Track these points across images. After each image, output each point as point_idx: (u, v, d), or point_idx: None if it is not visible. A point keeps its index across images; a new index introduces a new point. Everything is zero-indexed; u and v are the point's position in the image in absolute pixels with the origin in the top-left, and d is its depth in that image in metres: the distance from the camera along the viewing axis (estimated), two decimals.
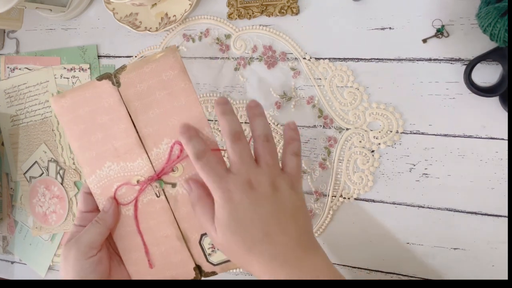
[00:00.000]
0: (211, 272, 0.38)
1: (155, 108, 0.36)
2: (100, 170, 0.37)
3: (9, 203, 0.69)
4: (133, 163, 0.37)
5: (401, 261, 0.48)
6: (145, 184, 0.37)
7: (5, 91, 0.67)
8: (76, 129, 0.37)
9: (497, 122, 0.44)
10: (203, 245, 0.37)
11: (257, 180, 0.33)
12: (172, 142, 0.36)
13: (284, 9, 0.50)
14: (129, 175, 0.37)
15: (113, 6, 0.57)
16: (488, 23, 0.38)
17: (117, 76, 0.36)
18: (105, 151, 0.37)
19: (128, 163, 0.37)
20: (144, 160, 0.37)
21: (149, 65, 0.36)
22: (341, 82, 0.49)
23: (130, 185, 0.37)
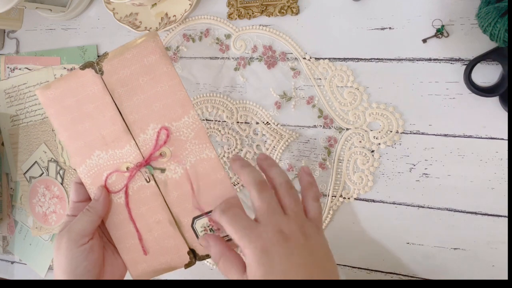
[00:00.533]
0: (206, 255, 0.38)
1: (139, 93, 0.36)
2: (90, 159, 0.38)
3: (9, 203, 0.69)
4: (122, 150, 0.37)
5: (401, 261, 0.48)
6: (134, 170, 0.37)
7: (5, 91, 0.67)
8: (64, 119, 0.37)
9: (497, 122, 0.44)
10: (195, 228, 0.37)
11: (289, 229, 0.32)
12: (159, 127, 0.36)
13: (284, 9, 0.50)
14: (118, 163, 0.37)
15: (113, 6, 0.57)
16: (488, 23, 0.38)
17: (99, 64, 0.36)
18: (93, 140, 0.37)
19: (116, 151, 0.37)
20: (132, 147, 0.37)
21: (131, 51, 0.36)
22: (341, 82, 0.49)
23: (120, 172, 0.37)
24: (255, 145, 0.53)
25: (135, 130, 0.37)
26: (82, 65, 0.37)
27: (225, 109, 0.54)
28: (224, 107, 0.54)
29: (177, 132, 0.36)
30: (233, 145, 0.54)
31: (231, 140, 0.54)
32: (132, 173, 0.37)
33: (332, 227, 0.51)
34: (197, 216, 0.37)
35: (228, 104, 0.54)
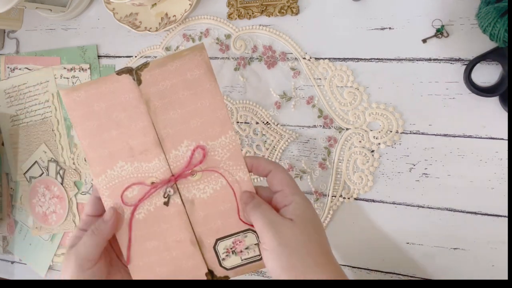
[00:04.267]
0: (224, 276, 0.37)
1: (177, 108, 0.34)
2: (111, 170, 0.35)
3: (9, 203, 0.69)
4: (149, 164, 0.35)
5: (401, 261, 0.48)
6: (160, 185, 0.35)
7: (5, 91, 0.67)
8: (88, 125, 0.35)
9: (497, 122, 0.44)
10: (217, 250, 0.36)
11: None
12: (193, 144, 0.35)
13: (284, 9, 0.50)
14: (143, 176, 0.35)
15: (113, 6, 0.57)
16: (488, 23, 0.38)
17: (138, 72, 0.34)
18: (119, 150, 0.35)
19: (143, 164, 0.35)
20: (162, 162, 0.35)
21: (174, 63, 0.34)
22: (341, 82, 0.49)
23: (144, 185, 0.35)
24: (255, 145, 0.53)
25: (167, 145, 0.35)
26: (119, 70, 0.35)
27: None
28: None
29: (212, 152, 0.35)
30: None
31: None
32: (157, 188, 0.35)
33: (332, 227, 0.51)
34: (221, 237, 0.36)
35: (228, 104, 0.54)
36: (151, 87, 0.34)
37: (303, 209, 0.33)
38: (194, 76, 0.34)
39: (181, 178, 0.35)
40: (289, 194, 0.34)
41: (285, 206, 0.34)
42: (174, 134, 0.35)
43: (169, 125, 0.35)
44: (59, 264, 0.66)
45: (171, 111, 0.34)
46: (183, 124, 0.35)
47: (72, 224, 0.64)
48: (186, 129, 0.35)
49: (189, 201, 0.36)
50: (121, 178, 0.36)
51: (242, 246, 0.36)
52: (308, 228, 0.32)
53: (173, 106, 0.35)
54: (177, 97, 0.34)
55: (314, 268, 0.31)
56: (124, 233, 0.36)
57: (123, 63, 0.60)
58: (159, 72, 0.34)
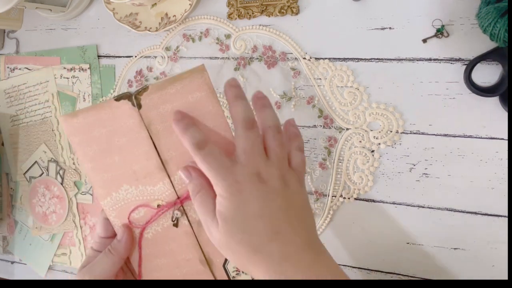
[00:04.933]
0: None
1: None
2: (117, 193, 0.35)
3: (9, 203, 0.69)
4: (154, 187, 0.35)
5: (401, 261, 0.48)
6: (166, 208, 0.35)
7: (5, 91, 0.67)
8: (90, 150, 0.35)
9: (497, 122, 0.44)
10: (227, 268, 0.36)
11: (268, 172, 0.30)
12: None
13: (284, 9, 0.50)
14: (148, 199, 0.35)
15: (113, 6, 0.57)
16: (488, 23, 0.38)
17: (137, 97, 0.33)
18: (122, 174, 0.35)
19: (148, 187, 0.35)
20: (166, 185, 0.35)
21: (174, 86, 0.33)
22: (341, 82, 0.49)
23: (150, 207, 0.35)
24: None
25: (171, 168, 0.34)
26: (118, 96, 0.34)
27: (225, 109, 0.54)
28: (224, 107, 0.54)
29: None
30: None
31: None
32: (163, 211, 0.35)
33: (332, 227, 0.51)
34: None
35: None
36: (152, 111, 0.34)
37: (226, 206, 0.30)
38: (195, 99, 0.33)
39: (187, 200, 0.35)
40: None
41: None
42: (178, 157, 0.34)
43: (172, 148, 0.34)
44: (59, 264, 0.66)
45: (173, 134, 0.33)
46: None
47: (72, 224, 0.64)
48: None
49: (196, 222, 0.35)
50: (127, 201, 0.35)
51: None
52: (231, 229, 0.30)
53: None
54: None
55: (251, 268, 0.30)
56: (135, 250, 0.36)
57: (123, 63, 0.60)
58: (159, 95, 0.33)
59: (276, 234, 0.29)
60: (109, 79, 0.61)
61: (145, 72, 0.58)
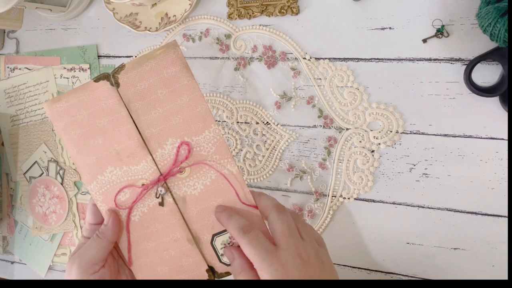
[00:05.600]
0: (225, 272, 0.37)
1: (158, 107, 0.35)
2: (102, 176, 0.36)
3: (9, 203, 0.69)
4: (137, 166, 0.35)
5: (401, 261, 0.48)
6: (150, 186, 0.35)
7: (5, 91, 0.67)
8: (74, 134, 0.35)
9: (497, 122, 0.44)
10: (215, 245, 0.36)
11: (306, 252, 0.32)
12: (178, 141, 0.35)
13: (284, 9, 0.50)
14: (133, 179, 0.36)
15: (113, 6, 0.57)
16: (488, 23, 0.38)
17: (115, 76, 0.34)
18: (106, 156, 0.35)
19: (131, 167, 0.35)
20: (149, 163, 0.35)
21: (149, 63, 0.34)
22: (341, 82, 0.49)
23: (135, 187, 0.36)
24: (255, 145, 0.53)
25: (152, 145, 0.35)
26: (96, 77, 0.35)
27: (225, 109, 0.54)
28: (224, 107, 0.54)
29: (197, 147, 0.35)
30: (233, 145, 0.54)
31: (231, 140, 0.54)
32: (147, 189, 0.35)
33: (332, 227, 0.51)
34: (217, 233, 0.36)
35: (228, 104, 0.54)
36: (130, 88, 0.34)
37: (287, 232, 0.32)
38: (170, 74, 0.34)
39: (170, 176, 0.35)
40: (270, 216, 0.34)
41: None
42: (158, 133, 0.35)
43: (152, 125, 0.35)
44: (59, 264, 0.66)
45: (152, 110, 0.35)
46: (165, 123, 0.35)
47: (72, 224, 0.64)
48: (169, 127, 0.35)
49: (181, 198, 0.36)
50: (112, 183, 0.36)
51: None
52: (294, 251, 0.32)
53: (154, 106, 0.35)
54: (156, 96, 0.35)
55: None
56: (123, 235, 0.37)
57: (123, 63, 0.60)
58: (136, 73, 0.34)
59: None
60: None
61: None
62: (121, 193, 0.36)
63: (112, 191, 0.36)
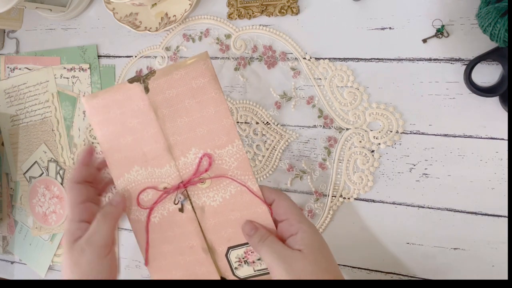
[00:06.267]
0: None
1: (184, 116, 0.35)
2: (128, 174, 0.37)
3: (9, 203, 0.69)
4: (161, 170, 0.36)
5: (401, 261, 0.48)
6: (171, 191, 0.36)
7: (5, 91, 0.67)
8: (106, 130, 0.37)
9: (497, 122, 0.44)
10: (229, 258, 0.36)
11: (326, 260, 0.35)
12: (201, 152, 0.35)
13: (284, 9, 0.50)
14: (156, 181, 0.36)
15: (113, 6, 0.57)
16: (488, 23, 0.38)
17: (145, 81, 0.35)
18: (134, 155, 0.36)
19: (156, 169, 0.36)
20: (172, 168, 0.36)
21: (179, 72, 0.35)
22: (341, 82, 0.49)
23: (157, 190, 0.36)
24: (255, 145, 0.53)
25: (176, 152, 0.36)
26: (131, 78, 0.36)
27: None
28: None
29: (219, 160, 0.35)
30: None
31: None
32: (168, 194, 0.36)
33: (332, 227, 0.51)
34: (232, 246, 0.36)
35: (228, 104, 0.54)
36: (158, 95, 0.35)
37: (311, 238, 0.33)
38: (198, 85, 0.34)
39: (190, 185, 0.36)
40: (295, 222, 0.34)
41: (292, 236, 0.33)
42: (182, 142, 0.35)
43: (177, 133, 0.35)
44: (59, 264, 0.66)
45: (178, 119, 0.35)
46: (190, 132, 0.35)
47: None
48: (193, 137, 0.35)
49: (200, 208, 0.36)
50: (137, 182, 0.37)
51: (254, 257, 0.36)
52: (318, 258, 0.32)
53: (180, 114, 0.35)
54: (183, 105, 0.35)
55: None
56: (142, 235, 0.38)
57: (123, 63, 0.60)
58: (165, 80, 0.35)
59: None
60: (109, 79, 0.61)
61: (145, 72, 0.58)
62: (144, 193, 0.37)
63: (136, 189, 0.37)
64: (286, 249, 0.33)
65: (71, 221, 0.36)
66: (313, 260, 0.32)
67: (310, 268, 0.32)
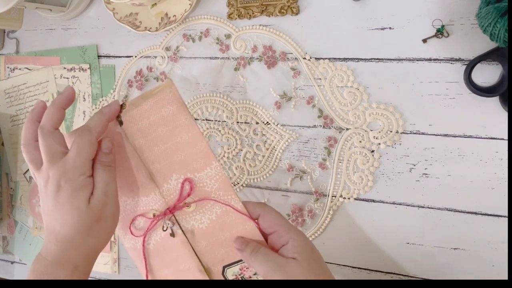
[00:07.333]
0: None
1: (160, 144, 0.35)
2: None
3: (9, 203, 0.69)
4: (147, 198, 0.36)
5: (401, 261, 0.48)
6: (160, 218, 0.36)
7: (5, 91, 0.67)
8: None
9: (497, 122, 0.44)
10: (226, 276, 0.37)
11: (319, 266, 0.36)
12: (182, 177, 0.36)
13: (284, 9, 0.50)
14: (145, 209, 0.37)
15: (113, 6, 0.57)
16: (488, 23, 0.38)
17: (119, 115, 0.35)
18: (120, 187, 0.37)
19: (142, 198, 0.37)
20: (157, 195, 0.36)
21: (147, 102, 0.35)
22: (341, 82, 0.49)
23: (146, 218, 0.37)
24: (255, 145, 0.53)
25: (158, 179, 0.36)
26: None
27: (225, 109, 0.54)
28: (224, 107, 0.54)
29: (200, 183, 0.36)
30: (233, 145, 0.54)
31: (231, 140, 0.54)
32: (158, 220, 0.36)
33: (332, 227, 0.51)
34: (227, 264, 0.37)
35: (228, 104, 0.54)
36: (132, 126, 0.35)
37: (303, 245, 0.33)
38: (168, 112, 0.35)
39: (176, 210, 0.36)
40: (284, 233, 0.34)
41: (284, 246, 0.34)
42: (162, 169, 0.36)
43: (156, 161, 0.36)
44: None
45: (155, 147, 0.36)
46: (168, 159, 0.36)
47: None
48: (172, 163, 0.36)
49: (190, 231, 0.37)
50: (127, 212, 0.38)
51: (250, 272, 0.37)
52: (311, 264, 0.33)
53: (156, 143, 0.35)
54: (157, 133, 0.35)
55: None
56: (141, 262, 0.38)
57: (123, 63, 0.60)
58: (136, 111, 0.35)
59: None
60: (109, 79, 0.61)
61: (145, 72, 0.58)
62: (135, 222, 0.38)
63: (127, 218, 0.38)
64: (280, 258, 0.33)
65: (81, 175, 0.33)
66: (307, 266, 0.32)
67: (306, 273, 0.32)
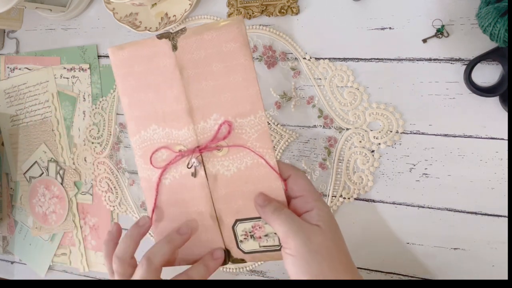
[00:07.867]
0: (240, 259, 0.36)
1: (209, 80, 0.34)
2: (145, 131, 0.36)
3: (9, 203, 0.69)
4: (179, 132, 0.35)
5: (401, 261, 0.48)
6: (186, 154, 0.35)
7: (5, 91, 0.67)
8: (129, 84, 0.36)
9: (497, 122, 0.44)
10: (236, 230, 0.36)
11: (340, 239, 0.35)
12: (222, 119, 0.34)
13: (284, 9, 0.50)
14: (172, 143, 0.35)
15: (113, 6, 0.57)
16: (488, 23, 0.38)
17: (175, 38, 0.34)
18: (153, 113, 0.35)
19: (173, 130, 0.35)
20: (190, 131, 0.35)
21: (210, 33, 0.33)
22: (341, 82, 0.49)
23: (172, 151, 0.35)
24: None
25: (196, 115, 0.35)
26: (160, 34, 0.35)
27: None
28: None
29: (239, 129, 0.34)
30: None
31: None
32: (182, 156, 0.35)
33: None
34: (240, 219, 0.35)
35: None
36: (186, 54, 0.34)
37: (328, 216, 0.33)
38: (229, 49, 0.33)
39: (206, 150, 0.35)
40: (311, 200, 0.33)
41: (308, 212, 0.33)
42: (204, 106, 0.34)
43: (200, 96, 0.34)
44: (59, 264, 0.66)
45: (203, 81, 0.34)
46: (214, 97, 0.34)
47: (72, 224, 0.64)
48: (216, 102, 0.34)
49: (213, 175, 0.35)
50: (152, 141, 0.36)
51: (261, 232, 0.35)
52: (335, 236, 0.32)
53: (206, 77, 0.34)
54: (210, 68, 0.34)
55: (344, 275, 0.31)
56: (151, 195, 0.37)
57: None
58: (195, 40, 0.34)
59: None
60: (109, 79, 0.61)
61: None
62: (158, 153, 0.36)
63: (151, 148, 0.36)
64: (304, 222, 0.32)
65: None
66: (331, 237, 0.31)
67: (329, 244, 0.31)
